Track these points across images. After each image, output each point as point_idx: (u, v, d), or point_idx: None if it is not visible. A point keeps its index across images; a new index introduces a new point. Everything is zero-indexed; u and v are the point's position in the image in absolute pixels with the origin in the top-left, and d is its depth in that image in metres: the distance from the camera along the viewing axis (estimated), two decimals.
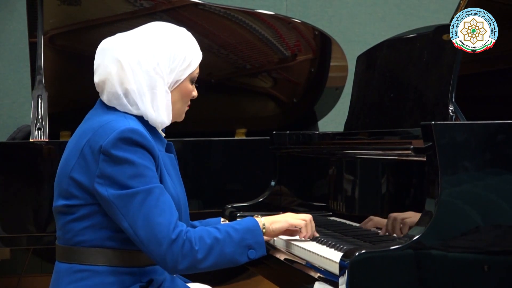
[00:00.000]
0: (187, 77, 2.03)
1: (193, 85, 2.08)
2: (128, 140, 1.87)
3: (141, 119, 1.98)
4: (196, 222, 2.28)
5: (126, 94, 1.96)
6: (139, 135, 1.88)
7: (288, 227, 2.11)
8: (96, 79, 2.00)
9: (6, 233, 2.95)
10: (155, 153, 1.92)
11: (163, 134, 2.09)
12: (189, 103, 2.09)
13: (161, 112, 1.98)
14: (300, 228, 2.15)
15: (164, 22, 2.07)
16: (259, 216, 2.08)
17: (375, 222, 2.22)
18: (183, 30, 2.06)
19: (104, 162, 1.86)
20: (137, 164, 1.86)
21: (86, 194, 1.90)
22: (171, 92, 2.01)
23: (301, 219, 2.14)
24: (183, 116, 2.10)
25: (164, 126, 2.04)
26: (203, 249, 1.89)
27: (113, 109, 1.98)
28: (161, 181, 1.95)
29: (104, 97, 1.99)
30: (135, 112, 1.97)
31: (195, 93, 2.09)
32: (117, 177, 1.85)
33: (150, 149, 1.90)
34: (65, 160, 1.96)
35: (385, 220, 2.15)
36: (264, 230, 2.03)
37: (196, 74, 2.06)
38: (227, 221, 2.37)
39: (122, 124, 1.90)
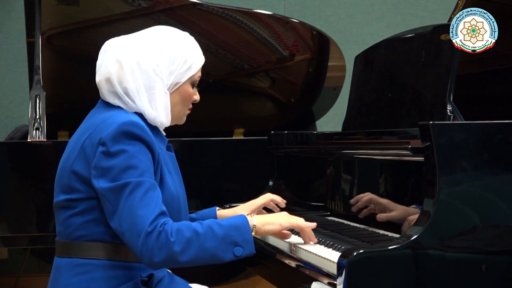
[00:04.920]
0: (188, 80, 2.04)
1: (195, 89, 2.09)
2: (127, 133, 1.88)
3: (142, 116, 1.99)
4: (192, 215, 2.28)
5: (126, 92, 1.98)
6: (139, 128, 1.89)
7: (280, 230, 2.09)
8: (97, 78, 2.02)
9: (4, 233, 2.95)
10: (154, 147, 1.92)
11: (164, 133, 2.10)
12: (191, 106, 2.10)
13: (160, 112, 2.00)
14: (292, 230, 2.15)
15: (168, 26, 2.09)
16: (252, 215, 2.05)
17: (370, 198, 2.22)
18: (185, 34, 2.07)
19: (101, 153, 1.87)
20: (131, 157, 1.86)
21: (87, 186, 1.91)
22: (171, 94, 2.02)
23: (295, 222, 2.12)
24: (184, 119, 2.12)
25: (164, 126, 2.05)
26: (180, 241, 1.85)
27: (114, 107, 2.00)
28: (161, 177, 1.96)
29: (105, 96, 2.01)
30: (135, 109, 1.99)
31: (196, 97, 2.09)
32: (110, 169, 1.86)
33: (149, 143, 1.91)
34: (66, 157, 1.97)
35: (381, 200, 2.16)
36: (254, 229, 2.00)
37: (197, 78, 2.07)
38: (221, 209, 2.38)
39: (123, 118, 1.91)
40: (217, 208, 2.36)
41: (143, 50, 1.99)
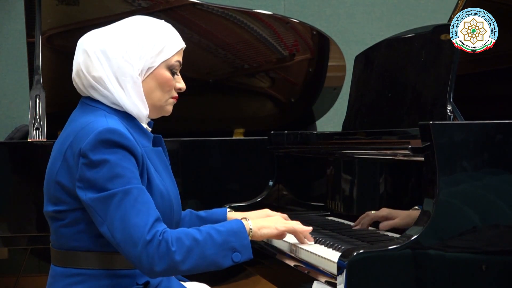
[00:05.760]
0: (162, 64, 1.99)
1: (176, 76, 2.03)
2: (107, 142, 1.84)
3: (123, 115, 1.96)
4: (201, 212, 2.26)
5: (97, 81, 1.94)
6: (117, 135, 1.85)
7: (277, 234, 2.07)
8: (72, 76, 2.00)
9: (4, 233, 2.94)
10: (137, 151, 1.88)
11: (149, 129, 2.05)
12: (175, 95, 2.05)
13: (134, 98, 1.95)
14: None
15: (141, 16, 2.05)
16: (247, 219, 2.02)
17: (371, 218, 2.22)
18: (157, 20, 2.03)
19: (83, 165, 1.83)
20: (115, 165, 1.82)
21: (72, 198, 1.88)
22: (145, 79, 1.97)
23: (291, 226, 2.10)
24: (169, 108, 2.05)
25: (144, 116, 2.00)
26: (181, 250, 1.82)
27: (94, 108, 1.96)
28: (148, 178, 1.92)
29: (83, 91, 1.98)
30: (113, 99, 1.95)
31: (180, 85, 2.04)
32: (95, 181, 1.82)
33: (131, 148, 1.86)
34: (51, 164, 1.95)
35: (381, 213, 2.16)
36: (251, 233, 1.98)
37: (175, 63, 2.01)
38: (233, 212, 2.34)
39: (100, 125, 1.86)
40: (228, 210, 2.32)
41: (111, 38, 1.96)
